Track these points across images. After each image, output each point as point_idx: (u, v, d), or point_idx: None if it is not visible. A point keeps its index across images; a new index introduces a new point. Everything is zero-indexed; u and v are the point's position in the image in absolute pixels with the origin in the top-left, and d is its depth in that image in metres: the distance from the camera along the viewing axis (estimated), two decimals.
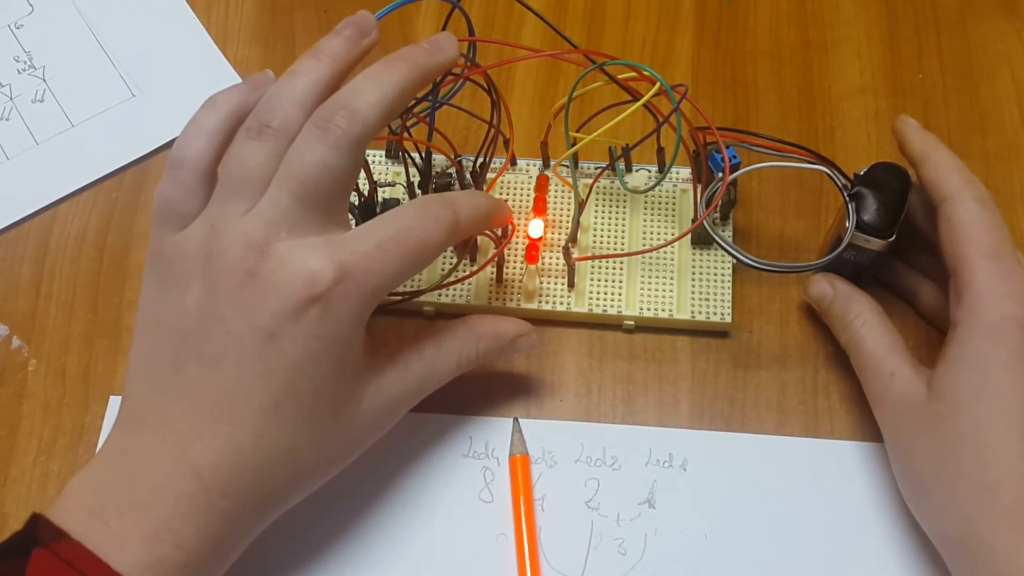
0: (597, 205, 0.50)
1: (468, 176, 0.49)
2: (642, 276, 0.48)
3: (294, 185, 0.37)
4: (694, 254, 0.49)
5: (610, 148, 0.50)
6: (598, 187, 0.50)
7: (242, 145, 0.39)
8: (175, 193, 0.39)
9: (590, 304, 0.48)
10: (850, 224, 0.43)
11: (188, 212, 0.39)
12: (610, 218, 0.50)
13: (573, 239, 0.47)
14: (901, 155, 0.45)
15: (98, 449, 0.42)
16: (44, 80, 0.56)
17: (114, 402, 0.47)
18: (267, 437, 0.37)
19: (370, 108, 0.38)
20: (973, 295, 0.40)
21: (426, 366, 0.42)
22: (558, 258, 0.49)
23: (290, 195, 0.37)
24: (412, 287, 0.48)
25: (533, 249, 0.48)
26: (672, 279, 0.48)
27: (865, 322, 0.44)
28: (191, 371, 0.37)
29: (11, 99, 0.56)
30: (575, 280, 0.48)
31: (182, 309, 0.38)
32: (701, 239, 0.49)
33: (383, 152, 0.52)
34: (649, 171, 0.51)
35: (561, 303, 0.48)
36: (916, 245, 0.46)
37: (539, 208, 0.49)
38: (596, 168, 0.51)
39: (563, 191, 0.50)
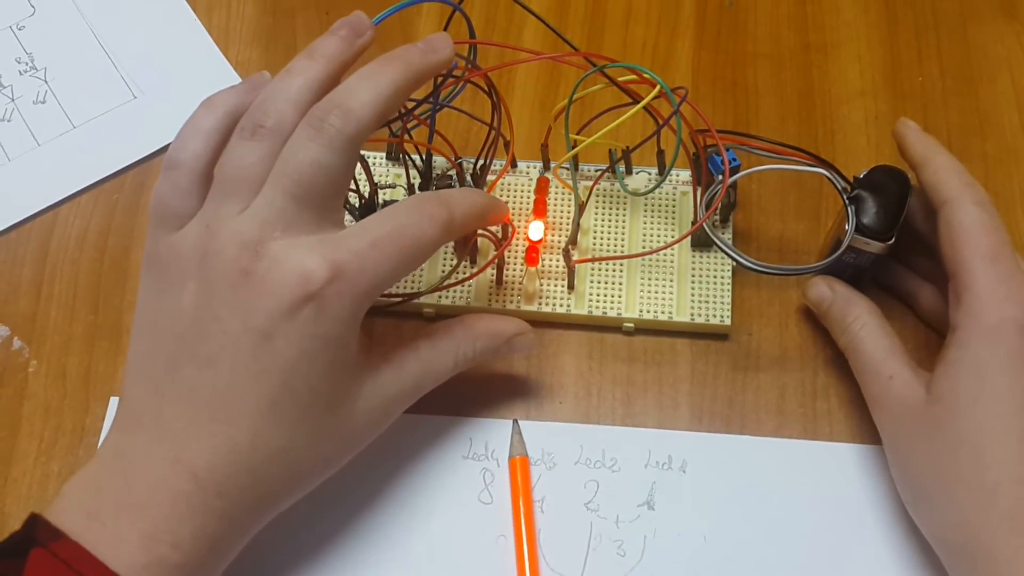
0: (597, 207, 0.50)
1: (468, 178, 0.49)
2: (642, 278, 0.48)
3: (288, 184, 0.37)
4: (694, 256, 0.49)
5: (610, 150, 0.50)
6: (598, 189, 0.50)
7: (237, 145, 0.39)
8: (171, 194, 0.39)
9: (590, 306, 0.48)
10: (849, 227, 0.43)
11: (184, 213, 0.39)
12: (610, 220, 0.50)
13: (573, 241, 0.47)
14: (901, 158, 0.45)
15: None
16: (46, 81, 0.56)
17: (114, 403, 0.47)
18: (263, 436, 0.37)
19: (364, 107, 0.38)
20: (972, 298, 0.40)
21: (422, 365, 0.42)
22: (558, 260, 0.49)
23: (284, 194, 0.37)
24: (412, 289, 0.48)
25: (533, 251, 0.48)
26: (672, 281, 0.48)
27: (864, 325, 0.44)
28: (187, 371, 0.37)
29: (13, 100, 0.56)
30: (575, 282, 0.48)
31: (178, 309, 0.38)
32: (701, 241, 0.49)
33: (384, 154, 0.52)
34: (649, 173, 0.51)
35: (561, 305, 0.48)
36: (916, 248, 0.46)
37: (539, 210, 0.49)
38: (596, 170, 0.51)
39: (563, 193, 0.50)
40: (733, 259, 0.44)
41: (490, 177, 0.50)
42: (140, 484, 0.36)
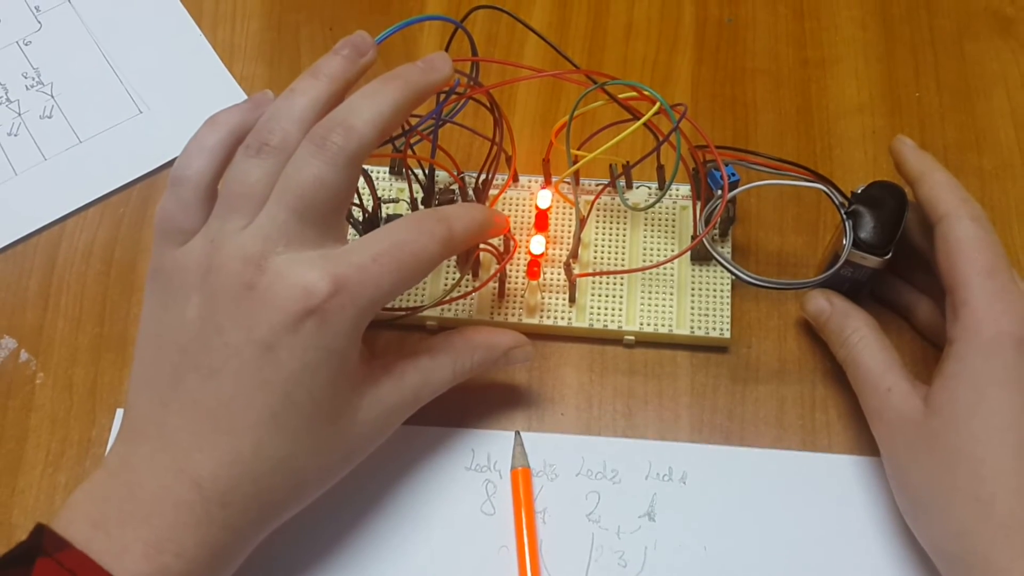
0: (598, 222, 0.51)
1: (471, 193, 0.49)
2: (642, 292, 0.49)
3: (291, 200, 0.38)
4: (693, 270, 0.49)
5: (611, 166, 0.51)
6: (599, 204, 0.51)
7: (242, 162, 0.39)
8: (176, 209, 0.40)
9: (591, 319, 0.48)
10: (847, 241, 0.44)
11: (188, 228, 0.40)
12: (611, 234, 0.50)
13: (574, 255, 0.48)
14: (898, 173, 0.46)
15: None
16: (52, 96, 0.57)
17: (120, 415, 0.48)
18: (266, 447, 0.37)
19: (366, 125, 0.39)
20: (969, 312, 0.40)
21: (421, 376, 0.42)
22: (559, 274, 0.49)
23: (287, 210, 0.38)
24: (415, 302, 0.49)
25: (535, 265, 0.48)
26: (672, 295, 0.49)
27: (862, 338, 0.44)
28: (191, 382, 0.38)
29: (19, 115, 0.56)
30: (576, 295, 0.49)
31: (182, 322, 0.38)
32: (700, 255, 0.49)
33: (387, 169, 0.52)
34: (649, 188, 0.51)
35: (562, 318, 0.48)
36: (913, 262, 0.46)
37: (540, 224, 0.50)
38: (597, 185, 0.51)
39: (564, 208, 0.51)
40: (732, 273, 0.44)
41: (492, 192, 0.50)
42: (144, 494, 0.37)
